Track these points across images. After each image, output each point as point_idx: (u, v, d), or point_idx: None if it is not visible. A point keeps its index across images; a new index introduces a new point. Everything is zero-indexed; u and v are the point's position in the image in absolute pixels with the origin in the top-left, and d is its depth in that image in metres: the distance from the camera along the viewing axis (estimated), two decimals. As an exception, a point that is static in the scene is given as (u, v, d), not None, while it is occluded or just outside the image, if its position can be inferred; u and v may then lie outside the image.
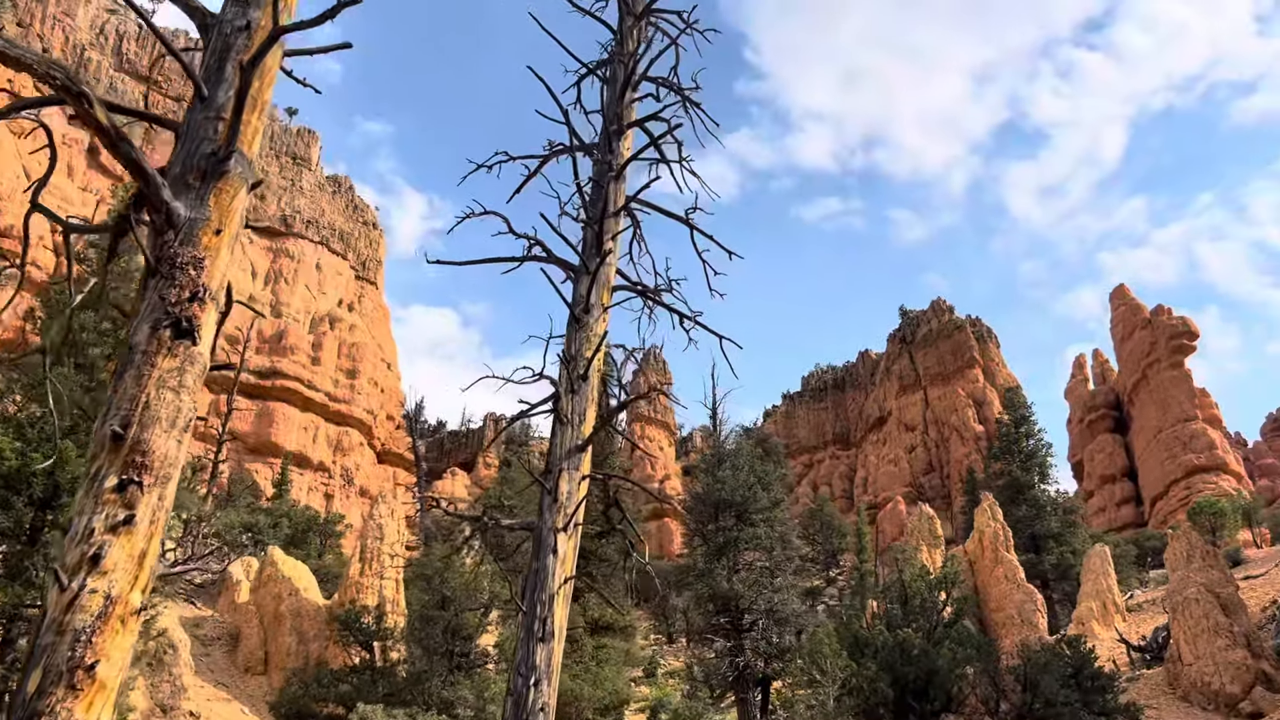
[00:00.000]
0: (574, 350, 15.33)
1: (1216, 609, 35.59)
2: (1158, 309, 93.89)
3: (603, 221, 16.05)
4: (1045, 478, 55.36)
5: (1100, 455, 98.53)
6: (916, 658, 29.43)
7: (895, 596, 32.09)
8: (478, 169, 17.44)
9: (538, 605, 13.55)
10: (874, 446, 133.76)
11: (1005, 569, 41.19)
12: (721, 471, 37.29)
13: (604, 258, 15.89)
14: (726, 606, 35.38)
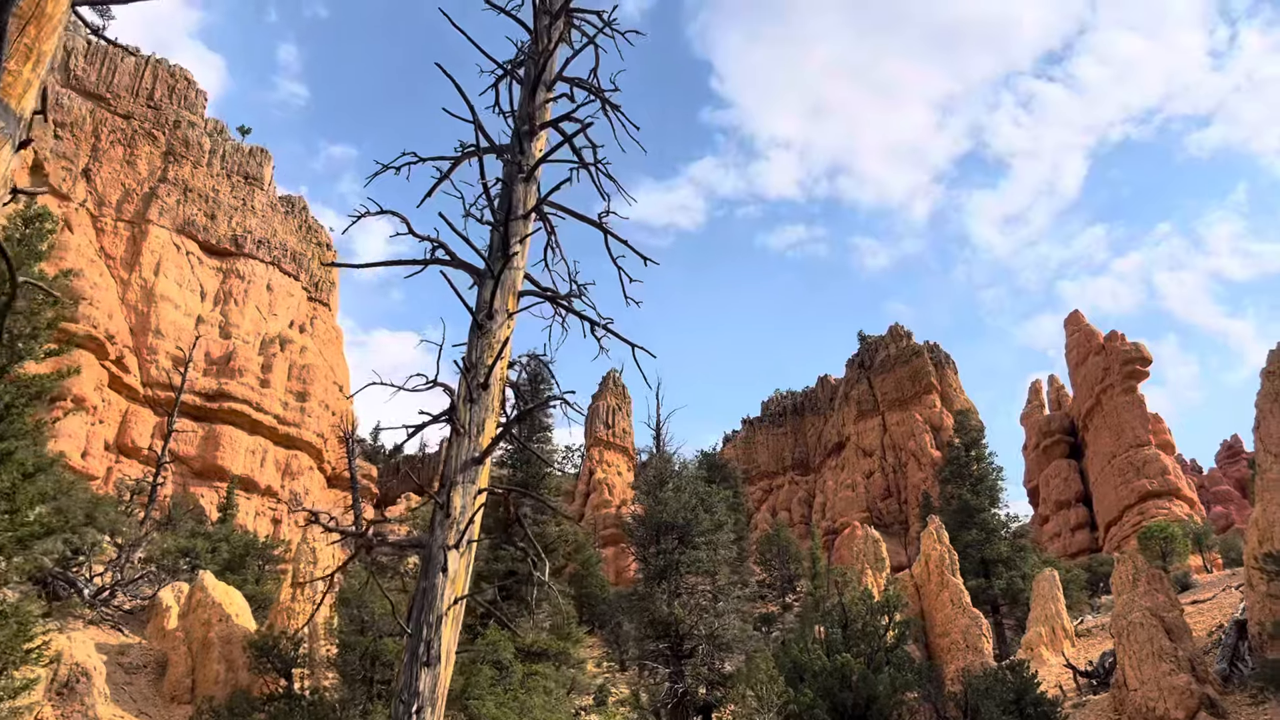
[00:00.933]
0: (474, 358, 14.57)
1: (1161, 633, 35.18)
2: (1111, 335, 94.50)
3: (508, 224, 15.36)
4: (995, 502, 55.09)
5: (1055, 480, 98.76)
6: (855, 684, 28.72)
7: (835, 621, 31.39)
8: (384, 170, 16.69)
9: (424, 627, 12.70)
10: (832, 472, 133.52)
11: (951, 593, 40.65)
12: (663, 493, 36.55)
13: (509, 261, 15.18)
14: (666, 632, 34.57)
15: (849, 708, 28.30)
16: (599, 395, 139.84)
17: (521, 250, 15.68)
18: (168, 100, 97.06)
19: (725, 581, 37.69)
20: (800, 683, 29.19)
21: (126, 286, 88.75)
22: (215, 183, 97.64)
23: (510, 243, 15.34)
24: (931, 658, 39.70)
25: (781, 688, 28.08)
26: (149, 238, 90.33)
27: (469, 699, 25.27)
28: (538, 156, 16.60)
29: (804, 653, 29.78)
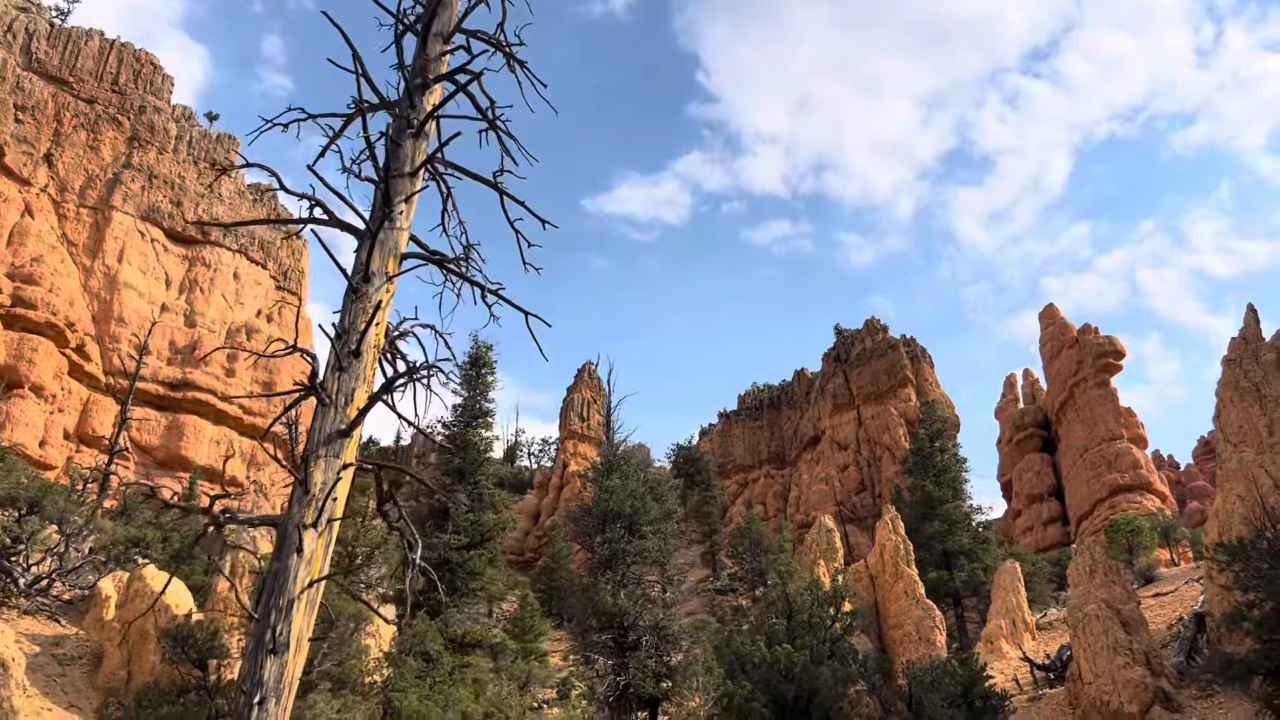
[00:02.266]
0: (347, 323, 13.61)
1: (1116, 626, 34.48)
2: (1085, 328, 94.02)
3: (390, 180, 14.40)
4: (959, 494, 54.38)
5: (1028, 474, 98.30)
6: (797, 676, 27.89)
7: (780, 612, 30.55)
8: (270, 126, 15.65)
9: (272, 612, 11.70)
10: (808, 466, 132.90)
11: (905, 584, 39.89)
12: (610, 480, 35.62)
13: (391, 221, 14.24)
14: (610, 623, 33.67)
15: (789, 700, 27.48)
16: (574, 388, 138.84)
17: (407, 210, 14.72)
18: (133, 85, 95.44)
19: (675, 572, 36.74)
20: (741, 674, 28.33)
21: (89, 274, 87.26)
22: (181, 169, 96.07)
23: (393, 201, 14.38)
24: (885, 650, 38.95)
25: (719, 679, 27.23)
26: (112, 224, 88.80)
27: (392, 691, 24.32)
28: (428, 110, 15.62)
29: (745, 644, 28.93)
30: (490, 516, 34.21)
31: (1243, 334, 37.55)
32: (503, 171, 15.54)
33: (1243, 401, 36.00)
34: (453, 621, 31.33)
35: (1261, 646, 24.11)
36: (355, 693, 23.29)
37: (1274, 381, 35.35)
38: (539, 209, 15.20)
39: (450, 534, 32.38)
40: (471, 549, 33.08)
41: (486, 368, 35.84)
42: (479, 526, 33.71)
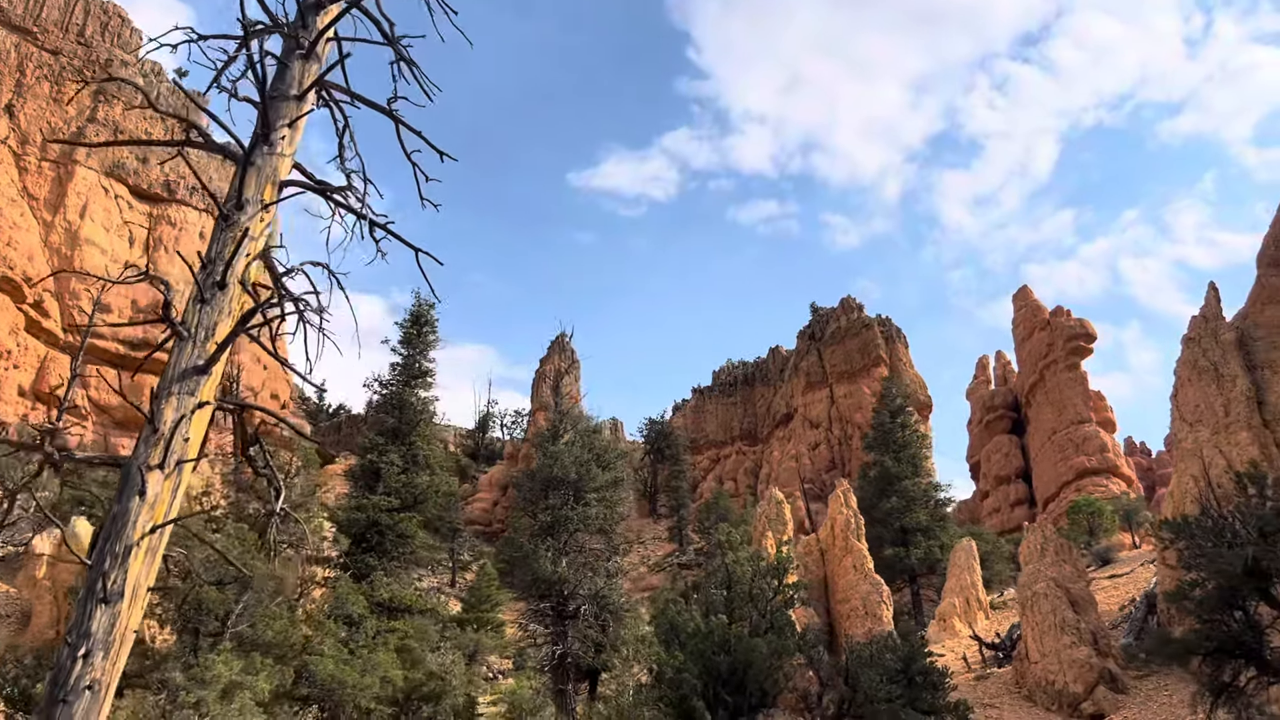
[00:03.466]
0: (214, 252, 12.62)
1: (1065, 605, 33.95)
2: (1057, 310, 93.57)
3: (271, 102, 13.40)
4: (917, 470, 53.80)
5: (996, 455, 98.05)
6: (733, 647, 27.16)
7: (719, 582, 29.81)
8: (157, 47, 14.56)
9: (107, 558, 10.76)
10: (779, 443, 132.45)
11: (854, 558, 39.25)
12: (555, 446, 34.75)
13: (271, 145, 13.24)
14: (549, 591, 32.91)
15: (723, 671, 26.76)
16: (547, 358, 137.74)
17: (291, 135, 13.71)
18: (100, 38, 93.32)
19: (622, 541, 35.95)
20: (676, 645, 27.60)
21: (50, 229, 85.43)
22: (148, 125, 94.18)
23: (274, 124, 13.38)
24: (832, 624, 38.35)
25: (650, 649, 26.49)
26: (75, 179, 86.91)
27: (309, 654, 23.45)
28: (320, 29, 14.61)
29: (680, 614, 28.20)
30: (424, 479, 33.30)
31: (1203, 312, 36.93)
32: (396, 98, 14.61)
33: (1200, 380, 35.41)
34: (379, 585, 30.46)
35: (1202, 626, 23.52)
36: (267, 655, 22.41)
37: (1232, 361, 34.76)
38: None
39: (380, 495, 31.50)
40: (402, 511, 32.18)
41: (428, 326, 34.85)
42: (411, 489, 32.81)
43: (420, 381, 35.28)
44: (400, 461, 32.96)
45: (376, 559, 31.36)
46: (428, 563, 36.36)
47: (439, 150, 15.21)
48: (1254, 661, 23.04)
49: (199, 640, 22.62)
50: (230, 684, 19.09)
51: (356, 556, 31.08)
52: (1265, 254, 35.81)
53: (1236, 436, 33.38)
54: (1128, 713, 31.12)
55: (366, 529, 31.17)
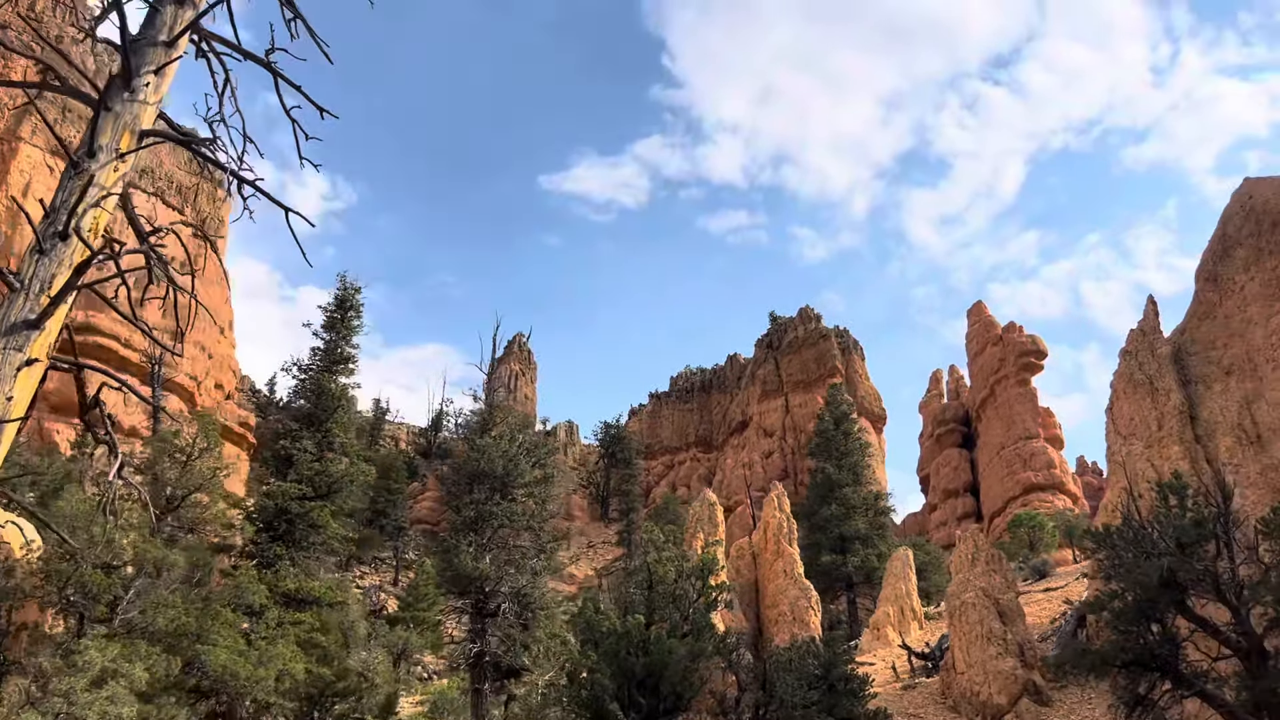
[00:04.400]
0: (59, 201, 11.85)
1: (993, 615, 33.63)
2: (1009, 326, 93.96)
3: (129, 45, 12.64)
4: (859, 479, 53.49)
5: (946, 469, 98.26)
6: (650, 648, 26.51)
7: (640, 582, 29.15)
8: None
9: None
10: (734, 450, 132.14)
11: (785, 563, 38.78)
12: (483, 439, 33.96)
13: (133, 92, 12.49)
14: (469, 587, 32.11)
15: (638, 673, 26.10)
16: (502, 359, 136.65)
17: (157, 83, 12.96)
18: (50, 12, 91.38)
19: (550, 540, 35.26)
20: (592, 646, 26.92)
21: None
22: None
23: (137, 70, 12.62)
24: (761, 629, 37.82)
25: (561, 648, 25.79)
26: (19, 156, 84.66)
27: (201, 643, 22.51)
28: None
29: (596, 614, 27.50)
30: (340, 467, 32.38)
31: (1141, 326, 36.85)
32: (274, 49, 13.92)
33: (1135, 394, 35.29)
34: (285, 574, 29.49)
35: (1118, 637, 23.15)
36: (157, 643, 21.46)
37: (1167, 375, 34.65)
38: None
39: (290, 482, 30.55)
40: (314, 500, 31.25)
41: (353, 310, 33.99)
42: (325, 477, 31.89)
43: (342, 368, 34.36)
44: (314, 448, 32.04)
45: (284, 548, 30.40)
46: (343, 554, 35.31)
47: (319, 106, 14.62)
48: (1169, 675, 22.70)
49: (84, 627, 21.64)
50: (104, 671, 18.16)
51: (263, 545, 30.13)
52: (1203, 269, 35.75)
53: (1168, 450, 33.22)
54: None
55: (275, 516, 30.21)
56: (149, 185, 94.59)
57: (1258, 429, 31.80)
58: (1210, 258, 35.67)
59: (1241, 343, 33.30)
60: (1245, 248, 34.05)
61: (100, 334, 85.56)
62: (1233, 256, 34.51)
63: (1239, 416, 32.32)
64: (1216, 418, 32.94)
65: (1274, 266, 32.60)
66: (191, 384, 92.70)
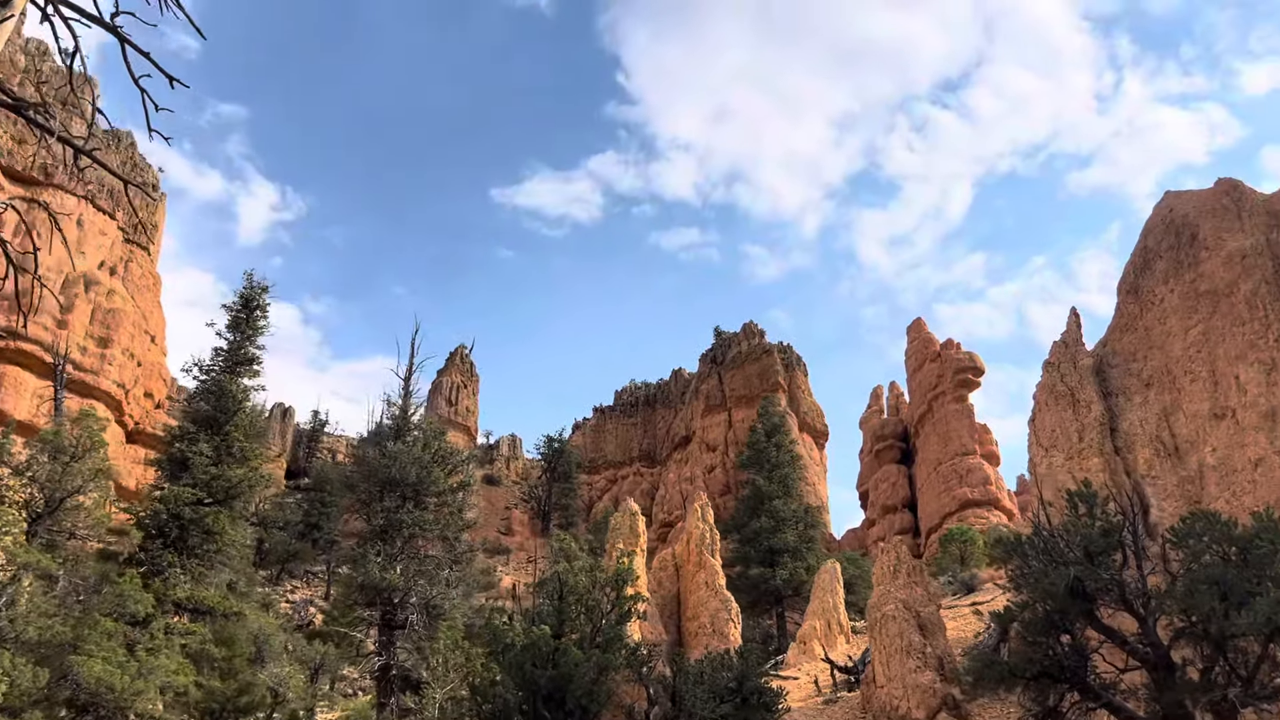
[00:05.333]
0: None
1: (913, 628, 33.20)
2: (947, 343, 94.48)
3: (-51, 4, 11.76)
4: (789, 491, 53.12)
5: (884, 485, 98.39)
6: (557, 660, 25.70)
7: (550, 593, 28.34)
8: None
9: None
10: (677, 465, 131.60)
11: (707, 574, 38.16)
12: (393, 446, 32.98)
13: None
14: (377, 598, 31.07)
15: (542, 685, 25.26)
16: (444, 371, 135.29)
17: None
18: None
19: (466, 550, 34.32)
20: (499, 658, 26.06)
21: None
22: None
23: (-42, 32, 11.74)
24: (682, 642, 37.13)
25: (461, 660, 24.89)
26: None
27: (77, 654, 21.33)
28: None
29: (502, 625, 26.66)
30: (238, 472, 31.22)
31: (1064, 338, 36.81)
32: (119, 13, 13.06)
33: (1057, 405, 35.20)
34: (174, 582, 28.28)
35: (1027, 649, 22.78)
36: (25, 653, 20.27)
37: (1089, 387, 34.59)
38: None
39: (184, 486, 29.37)
40: (210, 505, 30.08)
41: (259, 310, 32.91)
42: (222, 481, 30.72)
43: (246, 369, 33.21)
44: (211, 452, 30.86)
45: (176, 555, 29.14)
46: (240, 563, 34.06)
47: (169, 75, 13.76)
48: (1077, 687, 22.35)
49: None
50: (-46, 682, 17.03)
51: (154, 552, 28.88)
52: (1125, 282, 35.81)
53: (1088, 462, 33.11)
54: (967, 740, 30.38)
55: (166, 522, 28.99)
56: (79, 188, 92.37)
57: (1175, 441, 31.77)
58: (1132, 270, 35.74)
59: (1161, 355, 33.32)
60: (1165, 260, 34.13)
61: (24, 339, 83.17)
62: (1153, 269, 34.58)
63: (1157, 428, 32.30)
64: (1136, 429, 32.90)
65: (1192, 279, 32.66)
66: (119, 391, 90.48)
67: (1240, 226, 31.84)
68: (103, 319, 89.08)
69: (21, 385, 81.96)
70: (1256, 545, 20.63)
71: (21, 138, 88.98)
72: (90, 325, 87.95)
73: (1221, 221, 32.40)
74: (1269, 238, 30.73)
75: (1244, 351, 30.01)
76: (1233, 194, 32.72)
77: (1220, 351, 30.84)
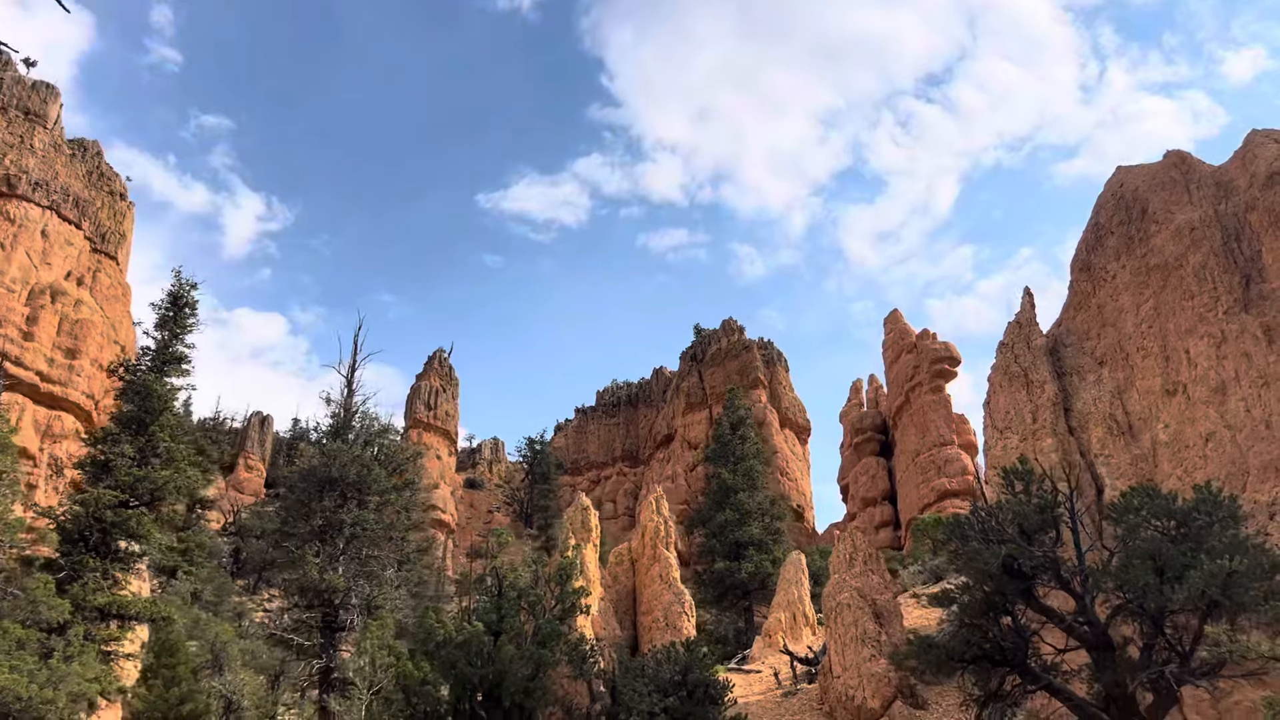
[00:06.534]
0: None
1: (867, 616, 32.58)
2: (923, 333, 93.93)
3: None
4: (755, 484, 52.46)
5: (864, 478, 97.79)
6: (493, 656, 25.03)
7: (489, 589, 27.64)
8: None
9: None
10: (659, 464, 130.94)
11: (661, 567, 37.49)
12: (333, 444, 32.24)
13: None
14: (316, 600, 30.32)
15: (476, 683, 24.58)
16: (423, 375, 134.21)
17: None
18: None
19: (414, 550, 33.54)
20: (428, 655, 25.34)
21: None
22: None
23: None
24: (638, 637, 36.46)
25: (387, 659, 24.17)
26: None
27: (-18, 663, 20.55)
28: None
29: (432, 621, 25.94)
30: (163, 474, 30.37)
31: (1018, 318, 36.26)
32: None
33: (1011, 387, 34.63)
34: (94, 588, 27.45)
35: (965, 632, 22.18)
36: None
37: (1042, 367, 34.04)
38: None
39: (104, 488, 28.57)
40: (133, 507, 29.26)
41: (188, 307, 32.13)
42: (146, 483, 29.86)
43: (174, 368, 32.39)
44: (134, 453, 30.02)
45: (97, 559, 28.28)
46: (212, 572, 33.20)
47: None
48: (1017, 669, 21.75)
49: None
50: None
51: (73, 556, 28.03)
52: (1077, 259, 35.29)
53: (1042, 443, 32.56)
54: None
55: (86, 525, 28.16)
56: (43, 199, 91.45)
57: (1129, 418, 31.25)
58: (1084, 247, 35.22)
59: (1114, 332, 32.80)
60: (1116, 236, 33.61)
61: None
62: (1105, 245, 34.06)
63: (1111, 406, 31.76)
64: (1089, 408, 32.36)
65: (1143, 254, 32.15)
66: (89, 403, 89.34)
67: (1189, 199, 31.33)
68: (70, 330, 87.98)
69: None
70: (1193, 518, 20.09)
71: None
72: (58, 336, 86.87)
73: (1170, 194, 31.89)
74: (1217, 209, 30.22)
75: (1194, 325, 29.49)
76: (1181, 166, 32.21)
77: (1171, 326, 30.32)
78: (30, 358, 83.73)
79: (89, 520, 28.16)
